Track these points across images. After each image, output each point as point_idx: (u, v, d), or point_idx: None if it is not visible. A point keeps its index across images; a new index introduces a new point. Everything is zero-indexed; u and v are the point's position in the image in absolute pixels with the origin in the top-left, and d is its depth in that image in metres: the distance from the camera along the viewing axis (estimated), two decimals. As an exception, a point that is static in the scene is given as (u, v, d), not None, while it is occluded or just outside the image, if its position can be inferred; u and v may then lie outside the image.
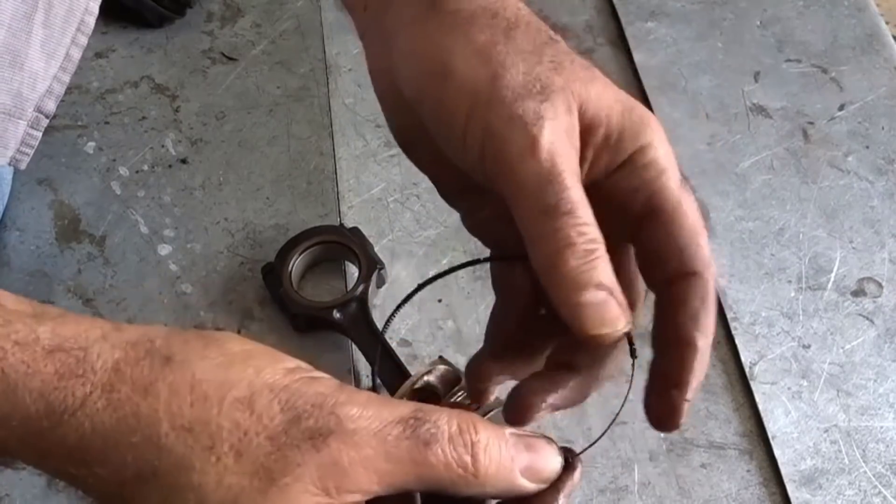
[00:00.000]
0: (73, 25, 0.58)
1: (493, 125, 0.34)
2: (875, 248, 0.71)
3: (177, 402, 0.30)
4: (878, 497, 0.60)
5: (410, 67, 0.37)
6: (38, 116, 0.59)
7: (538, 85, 0.34)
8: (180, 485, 0.29)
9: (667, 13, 0.84)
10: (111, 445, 0.30)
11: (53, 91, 0.59)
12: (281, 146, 0.76)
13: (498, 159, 0.34)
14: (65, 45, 0.58)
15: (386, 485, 0.31)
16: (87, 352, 0.31)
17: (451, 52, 0.35)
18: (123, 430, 0.30)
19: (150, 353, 0.31)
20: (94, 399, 0.30)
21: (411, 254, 0.70)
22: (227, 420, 0.30)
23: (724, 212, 0.72)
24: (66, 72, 0.59)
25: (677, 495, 0.60)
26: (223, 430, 0.30)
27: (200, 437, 0.30)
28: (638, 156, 0.36)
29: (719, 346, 0.66)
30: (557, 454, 0.35)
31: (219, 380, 0.31)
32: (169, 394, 0.30)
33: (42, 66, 0.56)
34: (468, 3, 0.36)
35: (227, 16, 0.84)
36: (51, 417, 0.30)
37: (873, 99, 0.79)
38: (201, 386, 0.30)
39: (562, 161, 0.33)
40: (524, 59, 0.35)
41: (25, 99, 0.57)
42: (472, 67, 0.35)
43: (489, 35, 0.35)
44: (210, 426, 0.30)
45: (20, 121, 0.57)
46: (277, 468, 0.29)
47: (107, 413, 0.30)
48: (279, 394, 0.31)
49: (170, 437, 0.30)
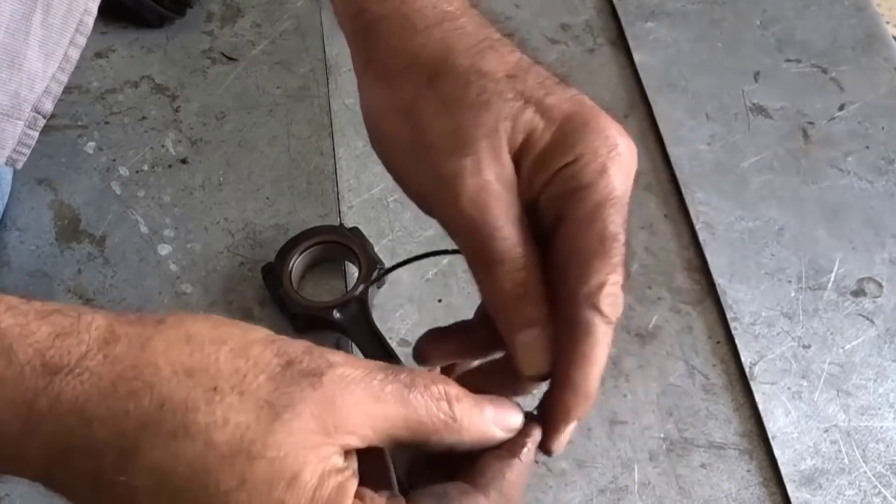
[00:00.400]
0: (71, 26, 0.58)
1: (423, 185, 0.36)
2: (875, 248, 0.71)
3: (175, 352, 0.31)
4: (878, 497, 0.60)
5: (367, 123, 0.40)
6: (35, 116, 0.59)
7: (459, 139, 0.35)
8: (186, 426, 0.30)
9: (667, 13, 0.84)
10: (111, 395, 0.30)
11: (51, 91, 0.59)
12: (281, 146, 0.76)
13: (433, 212, 0.37)
14: (63, 46, 0.58)
15: (377, 430, 0.32)
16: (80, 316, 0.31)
17: (383, 113, 0.37)
18: (123, 380, 0.30)
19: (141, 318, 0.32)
20: (91, 356, 0.30)
21: (411, 254, 0.70)
22: (226, 366, 0.31)
23: (724, 212, 0.72)
24: (64, 72, 0.59)
25: (677, 495, 0.60)
26: (223, 374, 0.31)
27: (202, 380, 0.30)
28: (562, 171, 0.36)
29: (719, 346, 0.66)
30: (517, 407, 0.37)
31: (212, 335, 0.32)
32: (166, 346, 0.31)
33: (40, 66, 0.57)
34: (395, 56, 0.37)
35: (227, 16, 0.84)
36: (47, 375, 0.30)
37: (873, 99, 0.79)
38: (196, 339, 0.31)
39: (488, 210, 0.35)
40: (444, 111, 0.36)
41: (23, 99, 0.57)
42: (396, 127, 0.37)
43: (411, 90, 0.36)
44: (210, 371, 0.31)
45: (17, 121, 0.57)
46: (280, 403, 0.30)
47: (105, 367, 0.30)
48: (270, 345, 0.32)
49: (171, 382, 0.30)
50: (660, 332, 0.67)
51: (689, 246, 0.71)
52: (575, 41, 0.83)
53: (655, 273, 0.70)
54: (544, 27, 0.84)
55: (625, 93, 0.80)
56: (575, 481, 0.61)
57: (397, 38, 0.38)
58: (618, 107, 0.79)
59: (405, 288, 0.68)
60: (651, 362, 0.65)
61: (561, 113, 0.37)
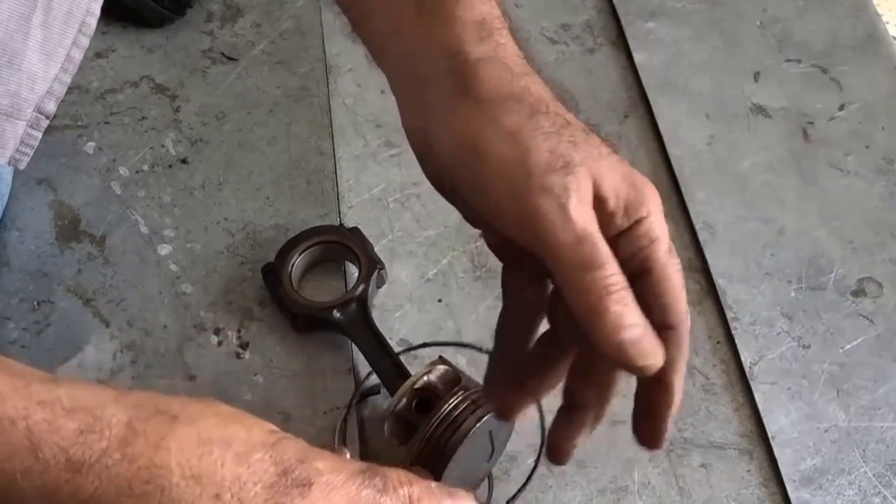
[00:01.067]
0: (73, 27, 0.58)
1: (528, 199, 0.39)
2: (875, 248, 0.71)
3: (185, 455, 0.35)
4: (878, 497, 0.60)
5: (446, 142, 0.42)
6: (37, 117, 0.59)
7: (561, 161, 0.39)
8: None
9: (667, 13, 0.84)
10: (125, 494, 0.34)
11: (54, 92, 0.59)
12: (281, 146, 0.76)
13: (534, 227, 0.39)
14: (65, 47, 0.58)
15: None
16: (103, 411, 0.35)
17: (482, 135, 0.40)
18: (137, 480, 0.34)
19: (158, 412, 0.36)
20: (111, 453, 0.34)
21: (411, 254, 0.70)
22: (230, 472, 0.35)
23: (724, 212, 0.72)
24: (67, 73, 0.59)
25: (677, 495, 0.60)
26: (226, 481, 0.35)
27: (208, 487, 0.35)
28: (636, 226, 0.41)
29: (719, 346, 0.66)
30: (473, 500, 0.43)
31: (220, 438, 0.36)
32: (178, 448, 0.35)
33: (41, 67, 0.57)
34: (496, 91, 0.42)
35: (227, 16, 0.84)
36: (70, 471, 0.34)
37: (873, 99, 0.79)
38: (206, 444, 0.36)
39: (590, 225, 0.39)
40: (547, 139, 0.40)
41: (24, 99, 0.57)
42: (502, 150, 0.40)
43: (516, 119, 0.40)
44: (215, 477, 0.35)
45: (18, 121, 0.57)
46: None
47: (122, 465, 0.34)
48: (269, 450, 0.37)
49: (181, 486, 0.35)
50: (660, 332, 0.67)
51: (689, 246, 0.71)
52: (575, 41, 0.83)
53: (655, 273, 0.70)
54: (544, 27, 0.84)
55: (625, 93, 0.80)
56: (575, 481, 0.61)
57: (497, 78, 0.42)
58: (618, 107, 0.79)
59: (405, 288, 0.68)
60: (651, 362, 0.65)
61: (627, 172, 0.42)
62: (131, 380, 0.64)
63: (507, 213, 0.40)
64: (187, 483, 0.35)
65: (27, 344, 0.65)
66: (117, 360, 0.65)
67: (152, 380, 0.64)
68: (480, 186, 0.41)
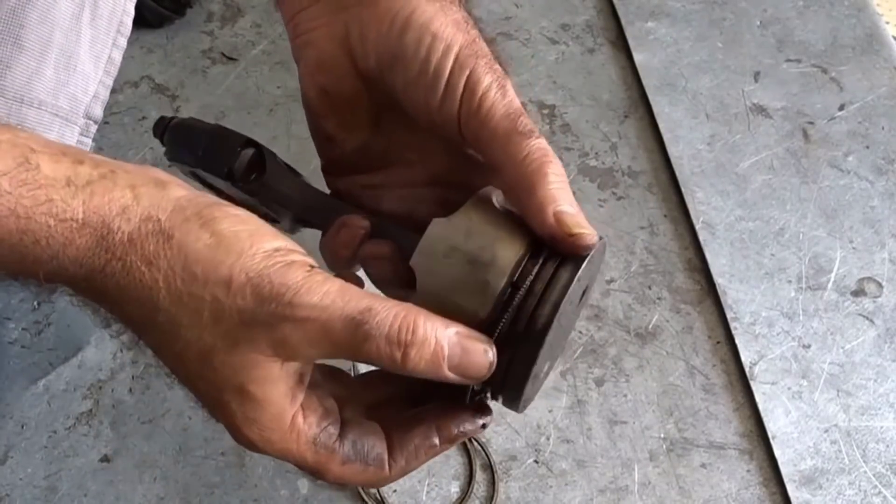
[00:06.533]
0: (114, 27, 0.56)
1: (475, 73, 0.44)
2: (875, 248, 0.71)
3: (172, 275, 0.39)
4: (878, 497, 0.60)
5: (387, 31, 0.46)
6: (87, 123, 0.57)
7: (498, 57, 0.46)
8: (173, 333, 0.39)
9: (667, 13, 0.84)
10: (124, 299, 0.39)
11: (99, 95, 0.57)
12: (281, 146, 0.76)
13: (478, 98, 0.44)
14: (108, 47, 0.56)
15: (328, 356, 0.39)
16: (109, 229, 0.39)
17: (433, 19, 0.45)
18: (132, 289, 0.39)
19: (156, 231, 0.39)
20: (114, 264, 0.39)
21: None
22: (209, 294, 0.38)
23: (724, 212, 0.72)
24: (109, 75, 0.57)
25: (677, 495, 0.60)
26: (206, 302, 0.38)
27: (189, 304, 0.39)
28: None
29: (719, 346, 0.66)
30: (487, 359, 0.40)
31: (206, 261, 0.39)
32: (167, 267, 0.39)
33: (91, 68, 0.55)
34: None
35: (227, 16, 0.84)
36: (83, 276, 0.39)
37: (873, 99, 0.79)
38: (192, 267, 0.38)
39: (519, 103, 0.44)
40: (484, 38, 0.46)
41: (79, 102, 0.55)
42: (453, 34, 0.45)
43: (460, 15, 0.46)
44: (196, 297, 0.39)
45: (74, 125, 0.56)
46: (241, 337, 0.38)
47: (121, 275, 0.39)
48: (252, 279, 0.38)
49: (166, 300, 0.39)
50: (660, 332, 0.67)
51: (689, 246, 0.71)
52: (575, 41, 0.83)
53: (655, 273, 0.70)
54: (544, 27, 0.84)
55: (625, 93, 0.80)
56: (575, 481, 0.61)
57: None
58: (618, 107, 0.79)
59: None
60: (651, 362, 0.65)
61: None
62: (131, 380, 0.64)
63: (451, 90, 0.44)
64: (172, 299, 0.39)
65: (27, 344, 0.65)
66: (117, 359, 0.65)
67: (152, 380, 0.64)
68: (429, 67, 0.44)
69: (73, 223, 0.38)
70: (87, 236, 0.39)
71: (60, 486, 0.61)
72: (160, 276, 0.39)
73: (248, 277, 0.38)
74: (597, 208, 0.73)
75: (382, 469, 0.42)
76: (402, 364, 0.39)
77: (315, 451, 0.41)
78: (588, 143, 0.77)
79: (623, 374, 0.65)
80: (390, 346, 0.38)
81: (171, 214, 0.39)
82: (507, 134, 0.43)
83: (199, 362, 0.39)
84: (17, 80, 0.50)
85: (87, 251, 0.39)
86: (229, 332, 0.39)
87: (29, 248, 0.38)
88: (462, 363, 0.40)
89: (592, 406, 0.64)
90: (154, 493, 0.61)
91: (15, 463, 0.61)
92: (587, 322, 0.67)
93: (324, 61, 0.49)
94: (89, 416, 0.63)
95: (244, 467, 0.61)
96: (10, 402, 0.63)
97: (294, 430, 0.40)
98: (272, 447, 0.40)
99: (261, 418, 0.40)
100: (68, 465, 0.62)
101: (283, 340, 0.38)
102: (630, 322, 0.67)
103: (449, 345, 0.39)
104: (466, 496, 0.60)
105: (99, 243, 0.39)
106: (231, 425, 0.40)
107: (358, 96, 0.49)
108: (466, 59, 0.44)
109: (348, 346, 0.39)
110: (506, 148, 0.43)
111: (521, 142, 0.43)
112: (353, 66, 0.48)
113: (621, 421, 0.63)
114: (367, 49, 0.47)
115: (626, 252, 0.71)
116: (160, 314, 0.39)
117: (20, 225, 0.38)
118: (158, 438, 0.63)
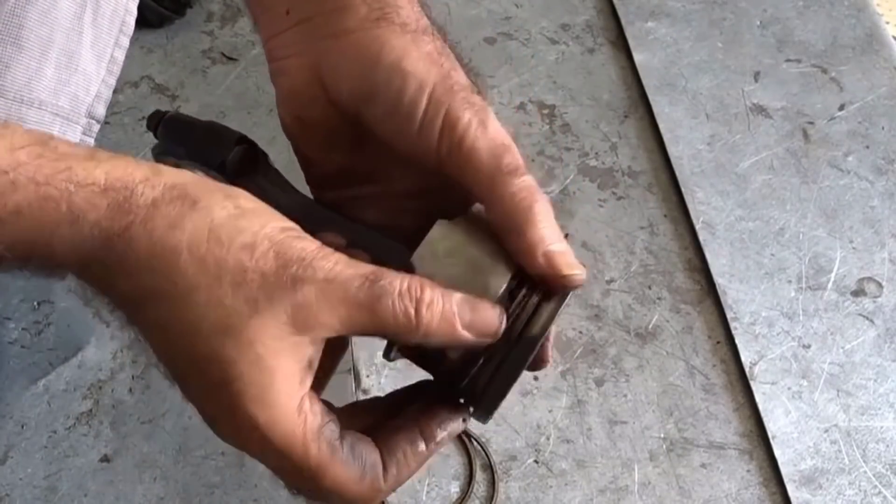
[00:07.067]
0: (116, 26, 0.57)
1: (452, 110, 0.43)
2: (875, 248, 0.71)
3: (196, 238, 0.38)
4: (878, 497, 0.60)
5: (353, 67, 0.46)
6: (89, 122, 0.57)
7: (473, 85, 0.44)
8: (190, 300, 0.38)
9: (667, 13, 0.84)
10: (141, 266, 0.38)
11: (102, 95, 0.57)
12: (281, 146, 0.75)
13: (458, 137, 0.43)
14: (110, 46, 0.57)
15: (346, 326, 0.39)
16: (132, 191, 0.39)
17: (405, 55, 0.44)
18: (151, 254, 0.38)
19: (181, 196, 0.39)
20: (136, 227, 0.38)
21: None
22: (233, 259, 0.38)
23: (724, 212, 0.72)
24: (111, 74, 0.57)
25: (677, 495, 0.60)
26: (228, 266, 0.38)
27: (210, 268, 0.38)
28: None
29: (719, 346, 0.66)
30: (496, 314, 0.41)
31: (230, 227, 0.39)
32: (191, 231, 0.38)
33: (93, 67, 0.55)
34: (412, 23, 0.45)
35: (227, 16, 0.84)
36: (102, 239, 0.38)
37: (873, 99, 0.79)
38: (217, 230, 0.38)
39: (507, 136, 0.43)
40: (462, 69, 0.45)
41: (81, 102, 0.55)
42: (426, 70, 0.44)
43: (433, 47, 0.45)
44: (219, 261, 0.38)
45: (77, 125, 0.56)
46: (262, 299, 0.38)
47: (143, 239, 0.38)
48: (274, 245, 0.39)
49: (187, 263, 0.38)
50: (660, 332, 0.67)
51: (689, 246, 0.71)
52: (575, 41, 0.83)
53: (655, 273, 0.70)
54: (544, 27, 0.84)
55: (625, 93, 0.80)
56: (575, 481, 0.61)
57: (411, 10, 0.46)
58: (618, 107, 0.79)
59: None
60: (651, 362, 0.66)
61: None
62: (131, 380, 0.64)
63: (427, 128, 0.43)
64: (193, 261, 0.38)
65: (27, 344, 0.65)
66: (117, 359, 0.65)
67: (152, 379, 0.64)
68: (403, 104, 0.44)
69: (95, 187, 0.38)
70: (110, 198, 0.39)
71: (60, 486, 0.61)
72: (184, 239, 0.38)
73: (271, 243, 0.39)
74: (597, 208, 0.73)
75: (378, 479, 0.42)
76: (416, 322, 0.39)
77: (319, 444, 0.40)
78: (588, 143, 0.77)
79: (623, 374, 0.65)
80: (403, 300, 0.39)
81: (195, 184, 0.40)
82: (490, 174, 0.43)
83: (214, 333, 0.38)
84: (17, 81, 0.51)
85: (108, 212, 0.38)
86: (250, 297, 0.38)
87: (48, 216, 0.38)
88: (474, 320, 0.40)
89: (592, 406, 0.64)
90: (154, 493, 0.61)
91: (15, 463, 0.61)
92: (587, 322, 0.67)
93: (297, 91, 0.49)
94: (89, 416, 0.63)
95: (244, 467, 0.61)
96: (10, 402, 0.63)
97: (302, 414, 0.39)
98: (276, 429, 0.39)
99: (270, 395, 0.39)
100: (68, 465, 0.62)
101: (303, 304, 0.38)
102: (630, 322, 0.67)
103: (457, 303, 0.40)
104: (466, 496, 0.60)
105: (121, 205, 0.39)
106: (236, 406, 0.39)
107: (333, 123, 0.48)
108: (442, 97, 0.43)
109: (366, 304, 0.39)
110: (491, 188, 0.43)
111: (506, 181, 0.42)
112: (326, 97, 0.48)
113: (621, 421, 0.63)
114: (340, 83, 0.47)
115: (626, 252, 0.71)
116: (179, 279, 0.38)
117: (40, 192, 0.38)
118: (158, 438, 0.63)
